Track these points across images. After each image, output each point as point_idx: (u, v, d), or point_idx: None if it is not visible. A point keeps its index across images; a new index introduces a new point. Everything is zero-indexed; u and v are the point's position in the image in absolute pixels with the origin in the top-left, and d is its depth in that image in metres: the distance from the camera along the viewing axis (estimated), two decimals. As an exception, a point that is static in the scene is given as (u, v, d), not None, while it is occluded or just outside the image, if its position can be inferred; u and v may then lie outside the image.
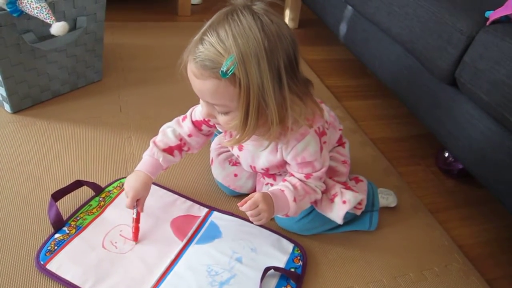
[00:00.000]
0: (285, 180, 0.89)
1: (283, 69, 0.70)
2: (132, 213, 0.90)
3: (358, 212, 0.98)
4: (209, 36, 0.68)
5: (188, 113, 0.96)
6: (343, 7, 1.55)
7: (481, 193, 1.25)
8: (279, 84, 0.70)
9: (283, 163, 0.90)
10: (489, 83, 0.94)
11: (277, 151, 0.86)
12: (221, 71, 0.67)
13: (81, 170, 1.07)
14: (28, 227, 0.90)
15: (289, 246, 0.96)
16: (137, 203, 0.89)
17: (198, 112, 0.94)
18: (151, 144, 0.93)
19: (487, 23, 0.98)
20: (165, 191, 1.04)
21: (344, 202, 0.92)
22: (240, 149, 0.92)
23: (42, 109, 1.24)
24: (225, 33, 0.67)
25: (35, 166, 1.05)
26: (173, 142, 0.93)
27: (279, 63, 0.69)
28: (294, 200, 0.85)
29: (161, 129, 0.95)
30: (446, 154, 1.28)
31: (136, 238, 0.90)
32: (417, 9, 1.12)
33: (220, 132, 1.05)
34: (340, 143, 1.01)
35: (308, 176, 0.87)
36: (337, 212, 0.92)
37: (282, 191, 0.86)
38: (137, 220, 0.90)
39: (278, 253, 0.93)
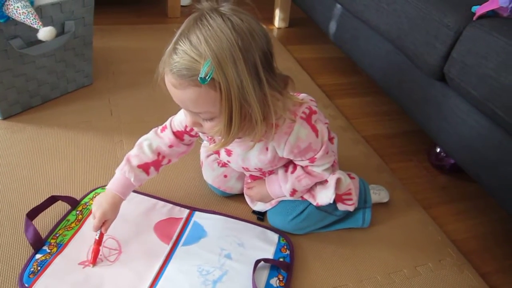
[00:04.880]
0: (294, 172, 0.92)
1: (260, 66, 0.69)
2: (95, 234, 0.86)
3: (351, 208, 0.97)
4: (181, 44, 0.67)
5: (167, 123, 0.92)
6: (332, 5, 1.55)
7: (474, 187, 1.25)
8: (258, 81, 0.69)
9: (276, 161, 0.90)
10: (477, 78, 0.94)
11: (267, 150, 0.86)
12: (200, 77, 0.65)
13: (72, 175, 1.06)
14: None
15: (275, 237, 0.96)
16: (103, 224, 0.85)
17: (177, 121, 0.91)
18: (124, 160, 0.89)
19: (474, 18, 0.98)
20: (142, 196, 1.01)
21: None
22: (229, 154, 0.91)
23: (32, 114, 1.24)
24: (197, 39, 0.65)
25: (27, 171, 1.04)
26: (150, 158, 0.89)
27: (256, 61, 0.68)
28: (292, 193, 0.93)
29: (137, 143, 0.91)
30: (438, 150, 1.28)
31: (94, 260, 0.84)
32: (405, 5, 1.13)
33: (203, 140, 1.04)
34: (329, 138, 1.01)
35: (312, 160, 0.88)
36: (329, 182, 0.93)
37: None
38: (98, 242, 0.85)
39: (265, 245, 0.94)
